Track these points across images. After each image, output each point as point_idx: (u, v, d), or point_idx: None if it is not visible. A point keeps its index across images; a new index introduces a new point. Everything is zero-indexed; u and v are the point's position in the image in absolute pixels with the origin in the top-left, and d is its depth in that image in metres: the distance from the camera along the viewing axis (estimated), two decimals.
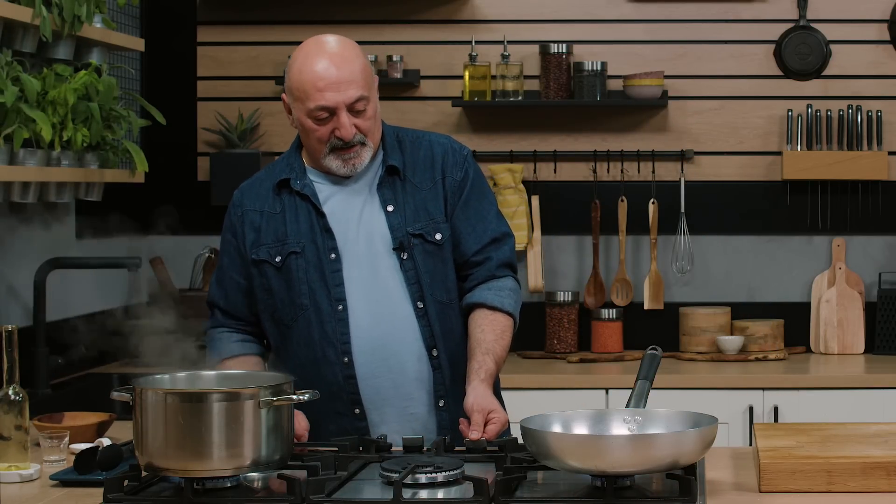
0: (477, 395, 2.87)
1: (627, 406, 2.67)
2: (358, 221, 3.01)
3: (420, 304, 2.99)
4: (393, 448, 2.84)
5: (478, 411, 2.84)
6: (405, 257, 2.99)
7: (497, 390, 3.05)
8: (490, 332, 2.98)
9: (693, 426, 2.53)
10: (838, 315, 4.87)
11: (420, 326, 2.99)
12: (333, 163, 2.98)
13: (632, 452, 2.39)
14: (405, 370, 2.99)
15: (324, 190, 3.03)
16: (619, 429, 2.62)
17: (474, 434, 2.80)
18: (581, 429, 2.63)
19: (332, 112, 2.93)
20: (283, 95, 3.02)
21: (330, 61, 2.92)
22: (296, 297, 3.00)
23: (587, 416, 2.66)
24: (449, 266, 3.04)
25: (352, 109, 2.93)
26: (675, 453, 2.41)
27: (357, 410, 2.99)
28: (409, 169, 3.04)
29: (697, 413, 2.58)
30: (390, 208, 3.01)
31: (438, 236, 3.02)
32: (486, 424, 2.83)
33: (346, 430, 2.97)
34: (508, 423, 2.89)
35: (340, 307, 2.98)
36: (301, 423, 2.87)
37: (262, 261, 3.03)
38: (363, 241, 3.00)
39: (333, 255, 2.99)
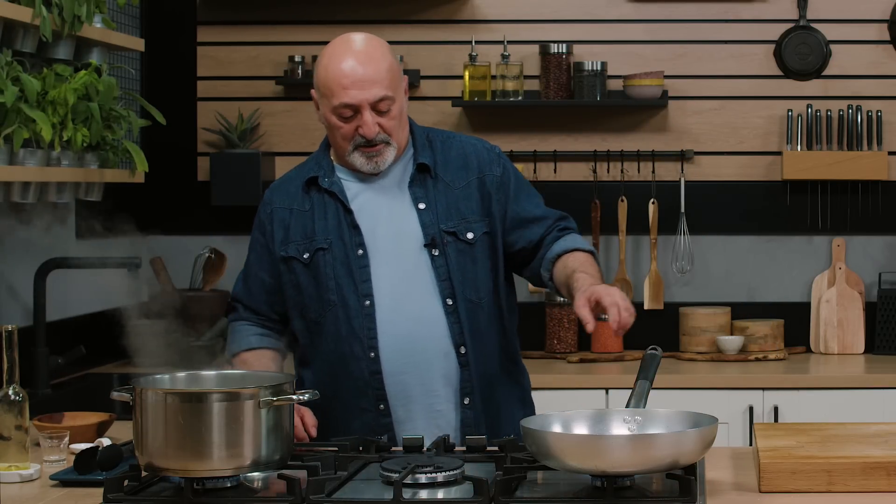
0: (584, 287, 2.81)
1: (627, 406, 2.67)
2: (387, 218, 3.03)
3: (450, 301, 2.99)
4: (392, 448, 2.84)
5: (606, 296, 2.74)
6: (436, 254, 3.00)
7: (528, 391, 3.12)
8: (573, 262, 2.98)
9: (693, 426, 2.53)
10: (838, 315, 4.87)
11: (449, 324, 2.99)
12: (358, 160, 3.01)
13: (632, 452, 2.39)
14: (431, 367, 3.00)
15: (352, 187, 3.05)
16: (619, 429, 2.62)
17: (590, 324, 2.73)
18: (581, 429, 2.63)
19: (356, 110, 2.95)
20: (313, 91, 3.04)
21: (356, 60, 2.95)
22: (324, 294, 3.01)
23: (587, 416, 2.66)
24: (479, 266, 3.04)
25: (376, 108, 2.95)
26: (675, 453, 2.41)
27: (382, 406, 2.99)
28: (441, 167, 3.06)
29: (697, 413, 2.59)
30: (422, 206, 3.02)
31: (470, 235, 3.03)
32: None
33: (371, 426, 2.98)
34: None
35: (367, 303, 2.99)
36: (308, 419, 2.88)
37: (291, 257, 3.05)
38: (392, 238, 3.01)
39: (361, 252, 3.00)
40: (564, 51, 4.87)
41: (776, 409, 4.38)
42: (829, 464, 2.51)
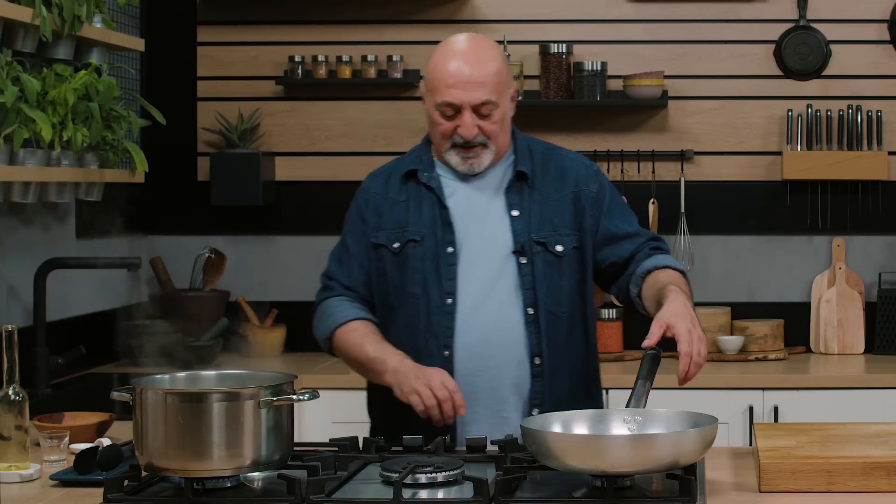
0: (673, 307, 2.79)
1: (627, 406, 2.67)
2: (480, 220, 3.04)
3: (530, 311, 2.99)
4: (392, 448, 2.84)
5: (685, 343, 2.72)
6: (524, 262, 3.01)
7: (597, 389, 3.12)
8: (665, 277, 2.96)
9: (693, 426, 2.53)
10: (838, 315, 4.87)
11: (527, 333, 2.99)
12: (453, 158, 3.03)
13: (632, 452, 2.39)
14: (502, 373, 2.99)
15: (450, 185, 3.07)
16: (620, 429, 2.62)
17: (683, 358, 2.70)
18: (581, 428, 2.63)
19: (457, 110, 2.98)
20: (421, 83, 3.09)
21: (464, 60, 2.98)
22: (408, 285, 3.03)
23: (587, 417, 2.66)
24: (566, 279, 3.04)
25: (477, 111, 2.98)
26: (675, 453, 2.41)
27: None
28: (539, 177, 3.07)
29: (697, 413, 2.59)
30: (515, 213, 3.03)
31: (559, 248, 3.03)
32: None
33: (435, 429, 2.97)
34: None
35: (449, 301, 2.99)
36: (458, 398, 2.85)
37: (381, 245, 3.07)
38: (483, 241, 3.03)
39: (450, 249, 3.02)
40: (564, 51, 4.87)
41: (776, 409, 4.37)
42: (829, 464, 2.51)
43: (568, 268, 3.04)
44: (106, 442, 2.88)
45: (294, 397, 2.49)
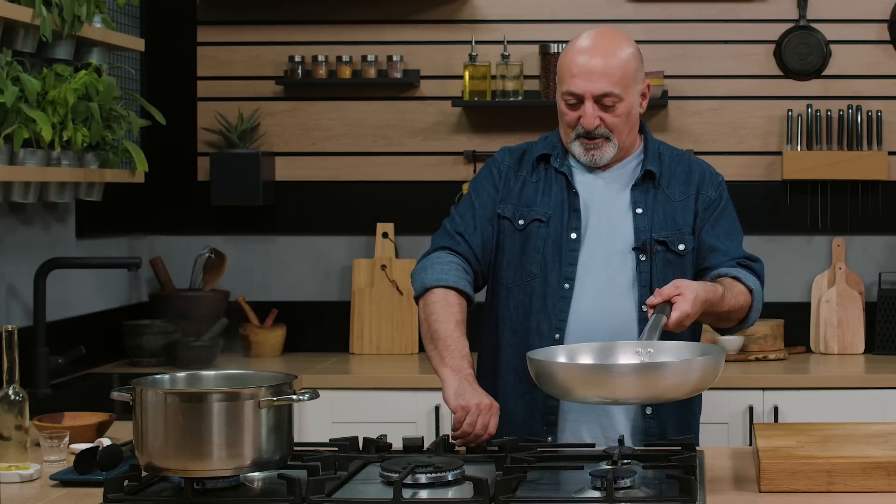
0: (683, 281, 2.82)
1: (640, 338, 2.71)
2: (605, 214, 3.06)
3: (645, 308, 2.98)
4: (392, 448, 2.84)
5: (671, 286, 2.78)
6: (643, 259, 3.02)
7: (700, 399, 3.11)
8: (728, 284, 2.95)
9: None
10: (838, 315, 4.87)
11: (639, 329, 2.98)
12: (576, 149, 3.06)
13: (637, 383, 2.45)
14: None
15: (579, 175, 3.10)
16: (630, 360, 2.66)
17: (652, 298, 2.78)
18: (587, 359, 2.67)
19: (580, 99, 3.00)
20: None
21: (590, 51, 3.00)
22: (527, 263, 3.05)
23: (595, 348, 2.68)
24: (685, 278, 3.02)
25: (600, 102, 2.99)
26: (682, 380, 2.50)
27: None
28: (665, 179, 3.10)
29: (705, 345, 2.69)
30: (639, 210, 3.05)
31: (681, 247, 3.05)
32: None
33: (537, 406, 2.99)
34: (691, 317, 2.80)
35: (567, 286, 3.01)
36: (493, 426, 2.83)
37: (505, 217, 3.09)
38: (604, 233, 3.04)
39: (574, 236, 3.04)
40: None
41: (776, 409, 4.37)
42: (829, 464, 2.51)
43: (688, 267, 3.06)
44: (106, 442, 2.88)
45: (294, 397, 2.49)
